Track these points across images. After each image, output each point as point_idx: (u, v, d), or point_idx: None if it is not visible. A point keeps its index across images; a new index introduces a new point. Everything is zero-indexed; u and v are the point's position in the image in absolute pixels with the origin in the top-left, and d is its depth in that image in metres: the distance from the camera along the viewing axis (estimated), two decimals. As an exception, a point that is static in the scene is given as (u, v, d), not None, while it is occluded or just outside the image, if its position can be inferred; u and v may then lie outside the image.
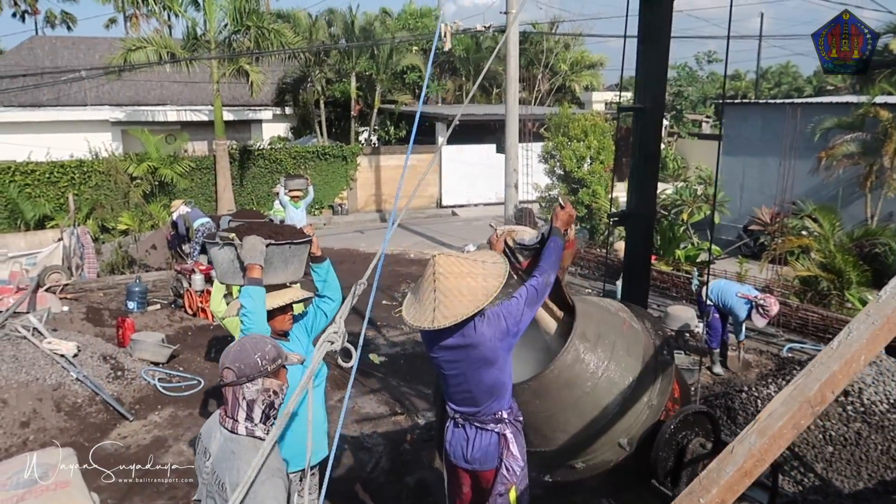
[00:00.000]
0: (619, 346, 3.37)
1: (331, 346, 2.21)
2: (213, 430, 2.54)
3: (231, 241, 3.14)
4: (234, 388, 2.39)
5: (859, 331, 1.67)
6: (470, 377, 3.11)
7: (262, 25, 17.58)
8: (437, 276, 3.00)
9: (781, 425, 1.61)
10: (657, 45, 4.14)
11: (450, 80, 28.40)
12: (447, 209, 22.35)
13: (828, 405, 5.06)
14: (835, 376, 1.63)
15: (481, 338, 3.03)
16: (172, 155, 19.19)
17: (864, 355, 1.65)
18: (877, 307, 1.70)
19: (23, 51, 26.60)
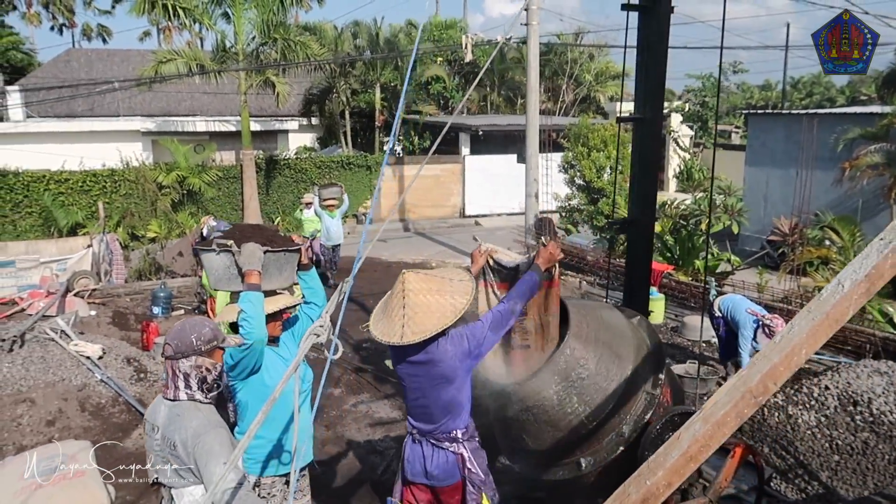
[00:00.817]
0: (612, 347, 3.46)
1: (316, 338, 2.35)
2: (157, 407, 2.83)
3: (229, 248, 3.25)
4: (172, 362, 2.73)
5: (800, 326, 1.76)
6: (428, 393, 3.19)
7: (289, 38, 17.95)
8: (407, 292, 3.10)
9: (724, 413, 1.71)
10: (655, 56, 4.24)
11: (474, 90, 28.57)
12: (470, 219, 22.48)
13: (774, 396, 5.04)
14: (776, 368, 1.72)
15: (443, 355, 3.11)
16: (200, 164, 19.63)
17: (804, 349, 1.74)
18: (818, 304, 1.79)
19: (59, 63, 27.45)
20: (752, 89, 43.66)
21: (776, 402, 5.61)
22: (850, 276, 1.78)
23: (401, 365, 3.26)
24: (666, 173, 26.26)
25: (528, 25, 13.89)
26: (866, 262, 1.78)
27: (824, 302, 1.78)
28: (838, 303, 1.74)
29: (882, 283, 1.79)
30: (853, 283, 1.75)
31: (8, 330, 7.85)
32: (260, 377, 3.32)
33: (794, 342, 1.73)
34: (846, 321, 1.78)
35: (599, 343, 3.44)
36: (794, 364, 1.74)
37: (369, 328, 3.21)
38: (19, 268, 10.68)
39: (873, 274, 1.75)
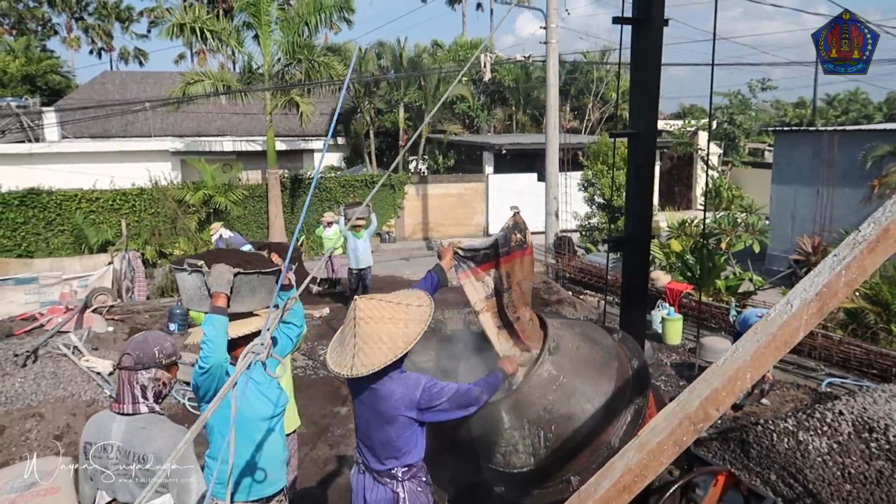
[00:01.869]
0: (593, 363, 3.35)
1: (255, 356, 2.28)
2: (105, 426, 2.74)
3: (199, 268, 3.20)
4: (130, 374, 2.73)
5: (745, 348, 1.66)
6: (370, 427, 3.10)
7: (313, 58, 18.18)
8: (358, 320, 2.95)
9: (661, 441, 1.61)
10: (648, 72, 4.15)
11: (499, 109, 28.64)
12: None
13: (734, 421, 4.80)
14: (717, 393, 1.62)
15: (389, 394, 2.98)
16: (227, 183, 19.91)
17: (749, 373, 1.63)
18: (764, 325, 1.68)
19: (95, 85, 28.23)
20: (785, 107, 42.95)
21: (786, 427, 5.40)
22: (800, 295, 1.67)
23: (353, 391, 3.17)
24: (693, 192, 25.90)
25: (546, 44, 13.86)
26: (817, 280, 1.67)
27: (771, 323, 1.67)
28: (786, 323, 1.63)
29: (835, 303, 1.68)
30: (802, 303, 1.64)
31: (23, 345, 7.98)
32: (227, 400, 3.25)
33: (737, 365, 1.62)
34: (796, 343, 1.67)
35: (579, 360, 3.33)
36: (738, 388, 1.63)
37: (326, 357, 3.11)
38: (42, 284, 10.89)
39: (825, 293, 1.64)
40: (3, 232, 18.00)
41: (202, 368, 3.02)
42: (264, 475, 3.37)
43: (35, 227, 18.31)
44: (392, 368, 2.96)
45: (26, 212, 18.17)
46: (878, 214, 1.70)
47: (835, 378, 8.48)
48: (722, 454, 5.43)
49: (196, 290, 3.21)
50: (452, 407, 3.02)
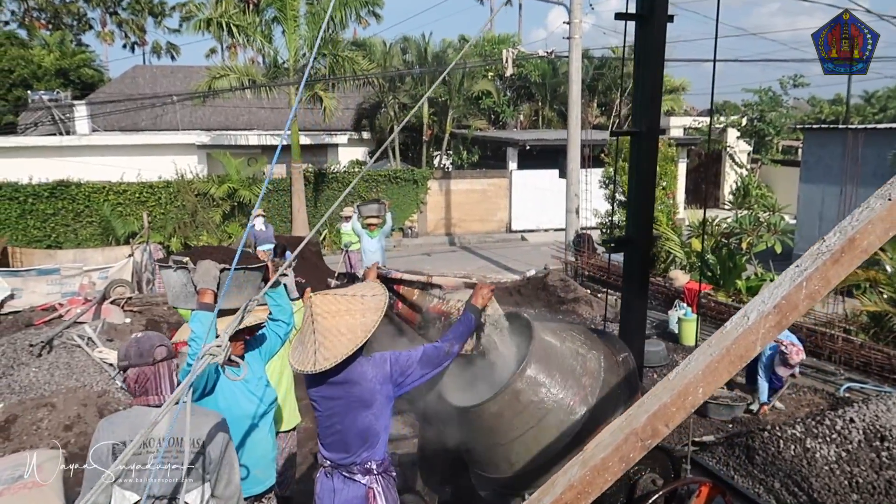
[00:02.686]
0: (578, 368, 3.28)
1: (212, 358, 2.25)
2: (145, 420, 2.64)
3: (185, 265, 3.19)
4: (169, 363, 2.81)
5: (697, 362, 1.58)
6: (344, 419, 3.02)
7: (337, 53, 18.23)
8: (315, 316, 2.93)
9: (605, 457, 1.54)
10: (651, 69, 4.05)
11: (526, 104, 28.45)
12: (516, 234, 22.27)
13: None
14: (666, 408, 1.55)
15: (362, 377, 2.97)
16: (251, 177, 20.09)
17: (701, 388, 1.56)
18: (719, 338, 1.60)
19: (126, 79, 28.66)
20: (821, 103, 41.96)
21: (793, 434, 5.26)
22: (758, 308, 1.59)
23: (316, 389, 3.08)
24: (721, 190, 25.47)
25: (569, 39, 13.70)
26: (777, 292, 1.59)
27: (726, 336, 1.59)
28: (741, 337, 1.56)
29: (795, 316, 1.59)
30: (759, 316, 1.56)
31: (40, 335, 8.12)
32: (214, 399, 3.26)
33: (688, 380, 1.55)
34: (752, 357, 1.59)
35: (564, 365, 3.26)
36: (689, 404, 1.56)
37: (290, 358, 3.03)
38: (63, 275, 11.09)
39: (784, 305, 1.56)
40: (34, 223, 18.39)
41: (190, 365, 3.02)
42: (248, 473, 3.36)
43: (64, 219, 18.67)
44: (356, 357, 2.96)
45: (56, 203, 18.54)
46: (844, 223, 1.61)
47: (854, 383, 8.25)
48: (727, 460, 5.31)
49: (182, 287, 3.20)
50: (425, 369, 3.03)
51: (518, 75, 26.34)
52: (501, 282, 15.22)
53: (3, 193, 18.05)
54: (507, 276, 16.12)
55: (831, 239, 1.58)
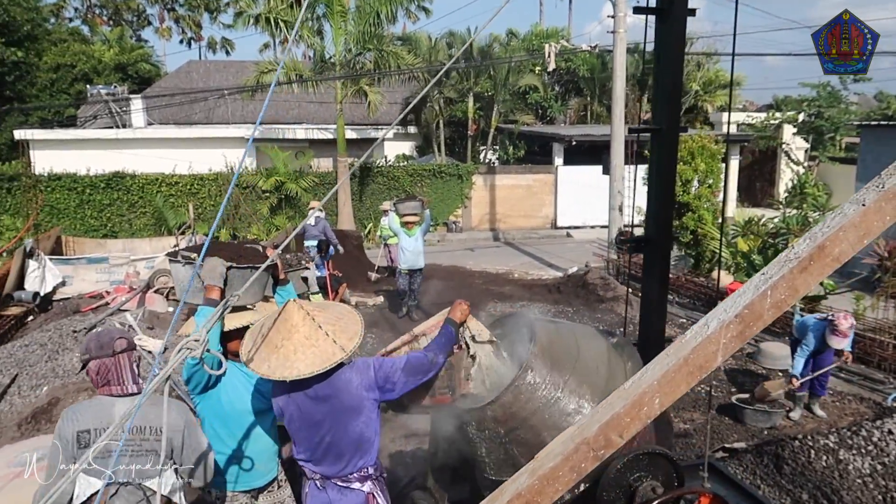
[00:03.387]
0: (582, 373, 3.21)
1: (189, 353, 2.27)
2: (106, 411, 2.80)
3: (192, 260, 3.24)
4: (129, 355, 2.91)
5: (653, 370, 1.52)
6: (335, 429, 2.94)
7: (382, 48, 18.32)
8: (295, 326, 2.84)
9: (554, 466, 1.49)
10: (671, 63, 3.93)
11: (575, 99, 28.09)
12: (562, 230, 22.04)
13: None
14: (619, 419, 1.49)
15: (347, 384, 2.90)
16: (298, 170, 20.39)
17: (658, 398, 1.50)
18: (678, 347, 1.54)
19: (181, 74, 29.42)
20: (889, 99, 40.21)
21: (826, 444, 5.05)
22: (719, 316, 1.52)
23: (288, 399, 2.96)
24: (776, 188, 24.68)
25: (614, 33, 13.45)
26: (739, 301, 1.52)
27: (684, 345, 1.53)
28: (700, 346, 1.49)
29: (760, 326, 1.52)
30: (720, 325, 1.50)
31: (84, 322, 8.42)
32: (216, 393, 3.30)
33: (643, 389, 1.49)
34: (713, 368, 1.52)
35: (565, 369, 3.19)
36: (645, 415, 1.50)
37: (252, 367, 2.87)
38: (112, 264, 11.47)
39: (746, 315, 1.49)
40: (91, 212, 19.08)
41: (195, 359, 3.06)
42: (252, 465, 3.41)
43: (119, 209, 19.31)
44: (341, 364, 2.91)
45: (112, 194, 19.19)
46: (815, 230, 1.52)
47: (903, 392, 7.90)
48: (754, 468, 5.14)
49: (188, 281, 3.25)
50: (409, 376, 2.97)
51: (566, 70, 26.03)
52: (542, 278, 15.09)
53: (62, 184, 18.78)
54: (550, 273, 15.97)
55: (800, 245, 1.50)
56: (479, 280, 14.86)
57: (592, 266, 14.23)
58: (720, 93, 26.58)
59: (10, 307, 10.14)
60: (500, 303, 12.14)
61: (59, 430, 2.79)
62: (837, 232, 1.44)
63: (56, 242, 13.25)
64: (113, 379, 2.86)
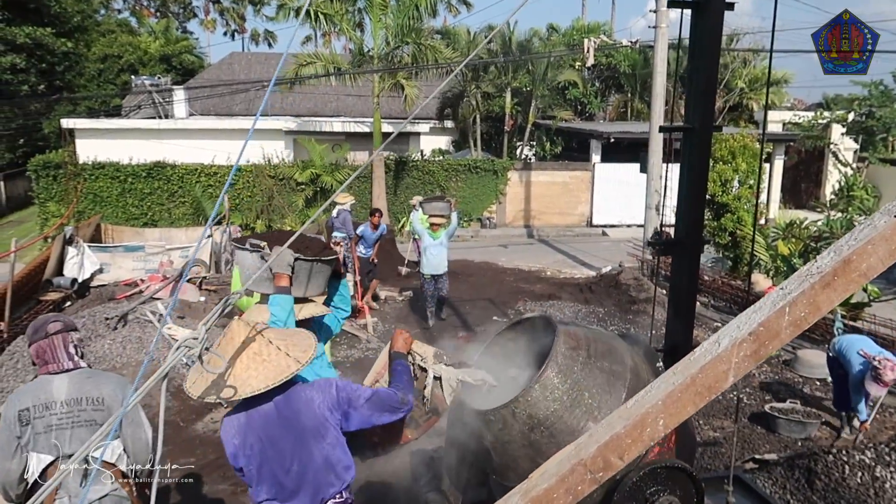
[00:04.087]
0: (600, 381, 3.09)
1: (188, 350, 2.23)
2: (44, 388, 3.04)
3: (260, 248, 3.29)
4: (64, 336, 3.12)
5: (658, 389, 1.41)
6: (300, 455, 2.69)
7: (420, 42, 18.26)
8: (243, 343, 2.63)
9: (548, 488, 1.40)
10: (706, 59, 3.77)
11: (615, 96, 27.68)
12: (597, 228, 21.74)
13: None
14: (619, 439, 1.39)
15: (308, 404, 2.68)
16: (334, 163, 20.49)
17: (662, 419, 1.39)
18: (686, 364, 1.42)
19: (223, 65, 29.82)
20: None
21: (862, 459, 4.84)
22: (731, 334, 1.41)
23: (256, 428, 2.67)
24: (822, 189, 23.98)
25: (655, 28, 13.16)
26: (755, 317, 1.40)
27: (693, 363, 1.42)
28: (710, 365, 1.38)
29: (777, 346, 1.40)
30: (733, 342, 1.38)
31: (117, 310, 8.55)
32: None
33: (645, 409, 1.39)
34: (723, 389, 1.41)
35: (582, 376, 3.08)
36: (648, 437, 1.40)
37: (195, 393, 2.57)
38: (148, 252, 11.65)
39: (762, 333, 1.37)
40: (132, 201, 19.45)
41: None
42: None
43: (159, 198, 19.65)
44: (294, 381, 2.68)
45: (152, 183, 19.54)
46: (841, 242, 1.40)
47: (953, 409, 7.55)
48: (784, 482, 4.95)
49: (255, 270, 3.34)
50: (374, 411, 2.74)
51: (606, 65, 25.64)
52: (574, 277, 14.89)
53: (105, 172, 19.18)
54: (583, 272, 15.76)
55: (824, 259, 1.38)
56: (511, 277, 14.73)
57: (626, 266, 13.98)
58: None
59: (49, 293, 10.36)
60: (529, 301, 12.00)
61: (4, 412, 3.03)
62: (866, 245, 1.31)
63: (95, 230, 13.51)
64: (49, 359, 3.07)
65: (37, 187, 19.00)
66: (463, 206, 20.95)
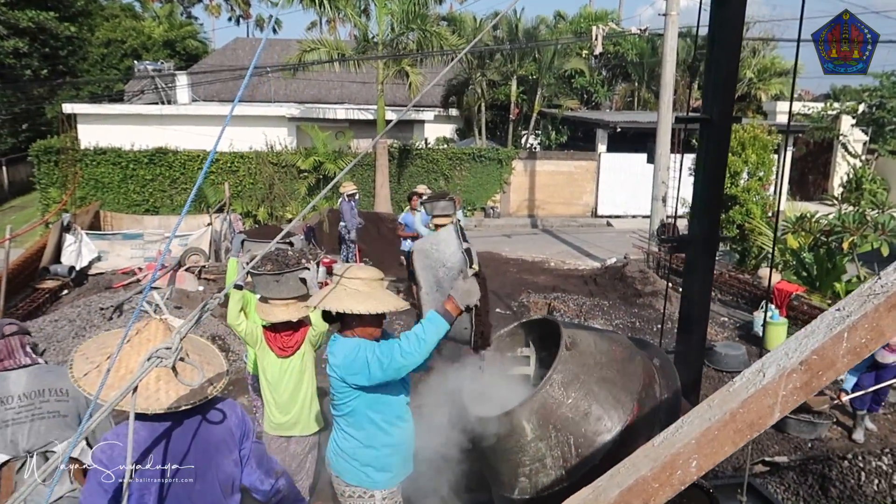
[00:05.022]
0: (611, 388, 2.91)
1: (159, 361, 2.04)
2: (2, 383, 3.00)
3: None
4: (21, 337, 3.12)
5: (691, 426, 1.23)
6: (205, 469, 2.41)
7: (426, 28, 17.99)
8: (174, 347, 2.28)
9: (563, 537, 1.22)
10: (727, 48, 3.55)
11: (622, 84, 27.35)
12: (602, 219, 21.52)
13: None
14: (646, 483, 1.20)
15: (216, 415, 2.49)
16: (337, 150, 20.26)
17: (696, 461, 1.20)
18: (723, 398, 1.23)
19: (227, 51, 29.53)
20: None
21: (879, 465, 4.65)
22: (778, 362, 1.22)
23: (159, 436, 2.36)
24: (831, 181, 23.70)
25: (665, 16, 12.88)
26: (807, 343, 1.21)
27: (733, 395, 1.23)
28: (753, 399, 1.19)
29: (831, 377, 1.21)
30: (780, 372, 1.19)
31: (113, 299, 8.39)
32: (394, 388, 3.18)
33: (676, 449, 1.20)
34: (768, 426, 1.22)
35: (594, 380, 2.90)
36: (679, 480, 1.21)
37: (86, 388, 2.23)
38: (146, 241, 11.48)
39: (815, 362, 1.18)
40: (134, 187, 19.28)
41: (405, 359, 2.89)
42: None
43: (161, 185, 19.47)
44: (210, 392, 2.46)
45: (154, 169, 19.35)
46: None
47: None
48: (797, 488, 4.77)
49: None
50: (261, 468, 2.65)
51: (614, 54, 25.31)
52: (578, 268, 14.69)
53: (107, 158, 19.00)
54: (587, 263, 15.56)
55: (890, 276, 1.18)
56: (514, 268, 14.54)
57: (632, 258, 13.78)
58: (775, 81, 25.57)
59: (46, 280, 10.21)
60: (533, 293, 11.80)
61: None
62: (938, 262, 1.12)
63: (94, 217, 13.34)
64: (5, 357, 3.06)
65: (38, 172, 18.84)
66: (467, 196, 20.71)
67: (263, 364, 4.25)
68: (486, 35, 22.05)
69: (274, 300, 4.02)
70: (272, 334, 4.16)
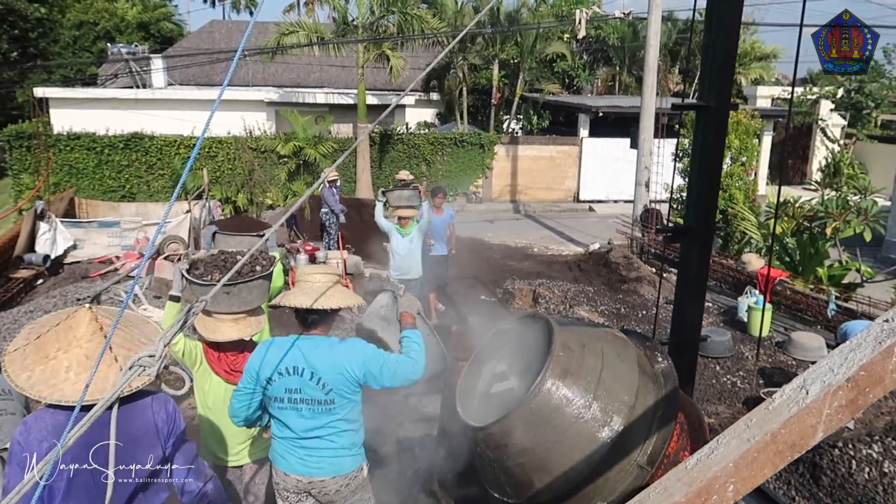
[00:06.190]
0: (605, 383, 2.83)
1: (142, 370, 1.90)
2: None
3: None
4: None
5: (728, 447, 1.14)
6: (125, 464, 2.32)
7: (406, 11, 17.74)
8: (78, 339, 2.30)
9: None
10: (725, 31, 3.46)
11: (603, 69, 27.27)
12: (584, 204, 21.51)
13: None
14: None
15: (143, 409, 2.42)
16: (318, 135, 19.99)
17: (733, 484, 1.12)
18: (762, 416, 1.14)
19: (203, 34, 28.97)
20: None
21: (869, 454, 4.65)
22: (822, 378, 1.13)
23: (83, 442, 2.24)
24: (810, 166, 23.89)
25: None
26: (853, 357, 1.12)
27: (772, 414, 1.14)
28: (796, 418, 1.10)
29: (879, 394, 1.12)
30: (824, 389, 1.10)
31: (90, 289, 8.18)
32: None
33: (713, 472, 1.11)
34: (810, 446, 1.13)
35: (587, 379, 2.82)
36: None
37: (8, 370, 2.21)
38: (123, 228, 11.23)
39: (863, 379, 1.09)
40: (109, 173, 18.88)
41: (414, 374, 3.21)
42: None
43: (137, 171, 19.09)
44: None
45: (130, 155, 18.96)
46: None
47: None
48: (788, 477, 4.76)
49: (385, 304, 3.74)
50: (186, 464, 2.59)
51: (595, 38, 25.19)
52: (562, 254, 14.66)
53: (81, 143, 18.57)
54: (571, 248, 15.54)
55: (941, 286, 1.09)
56: (497, 254, 14.47)
57: (615, 244, 13.76)
58: (755, 65, 25.64)
59: (20, 270, 9.95)
60: (517, 280, 11.75)
61: None
62: None
63: (69, 204, 13.03)
64: None
65: (10, 158, 18.38)
66: (448, 181, 20.56)
67: (204, 388, 3.59)
68: (469, 18, 21.81)
69: (220, 314, 3.36)
70: (215, 354, 3.55)
